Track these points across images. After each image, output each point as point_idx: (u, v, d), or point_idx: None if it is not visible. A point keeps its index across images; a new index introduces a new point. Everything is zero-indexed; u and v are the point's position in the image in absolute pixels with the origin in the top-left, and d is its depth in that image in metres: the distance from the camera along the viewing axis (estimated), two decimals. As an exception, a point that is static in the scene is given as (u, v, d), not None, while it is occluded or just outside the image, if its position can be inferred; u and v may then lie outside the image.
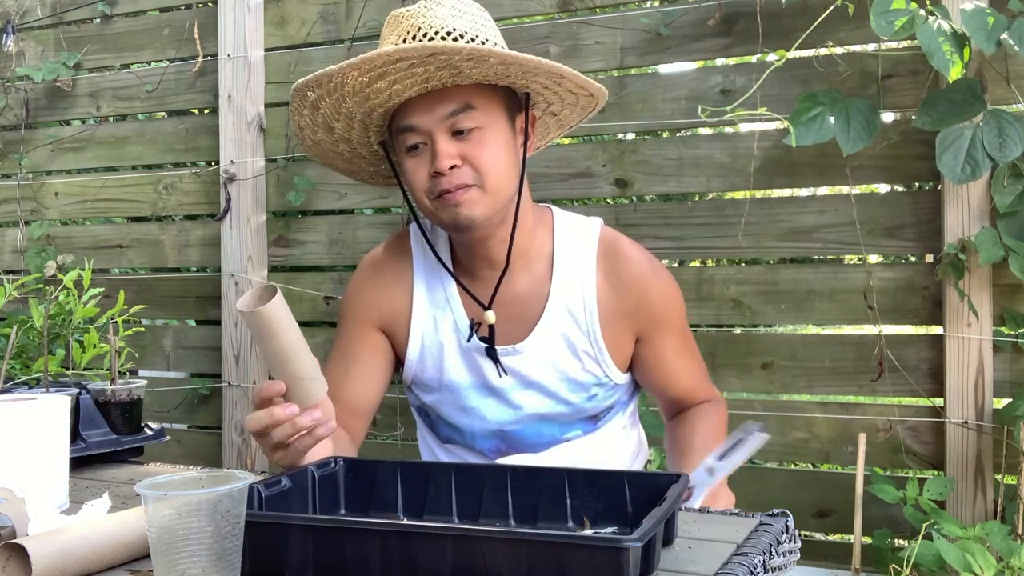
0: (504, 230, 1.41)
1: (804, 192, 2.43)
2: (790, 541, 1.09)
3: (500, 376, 1.45)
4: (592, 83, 1.41)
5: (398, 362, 1.54)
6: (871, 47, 2.09)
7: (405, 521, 1.10)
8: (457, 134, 1.33)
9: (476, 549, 0.82)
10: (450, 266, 1.48)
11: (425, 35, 1.30)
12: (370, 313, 1.50)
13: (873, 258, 2.19)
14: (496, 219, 1.38)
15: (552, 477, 1.09)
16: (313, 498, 1.12)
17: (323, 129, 1.40)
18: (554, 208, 1.53)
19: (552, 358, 1.45)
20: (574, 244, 1.47)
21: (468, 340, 1.44)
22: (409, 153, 1.36)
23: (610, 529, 1.03)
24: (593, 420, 1.52)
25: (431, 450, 1.59)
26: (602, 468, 1.22)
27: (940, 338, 2.00)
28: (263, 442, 1.13)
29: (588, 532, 1.02)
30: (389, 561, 0.85)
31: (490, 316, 1.43)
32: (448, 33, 1.31)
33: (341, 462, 1.17)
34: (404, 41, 1.31)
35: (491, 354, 1.43)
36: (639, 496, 1.04)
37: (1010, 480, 1.90)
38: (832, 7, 1.92)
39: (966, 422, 1.95)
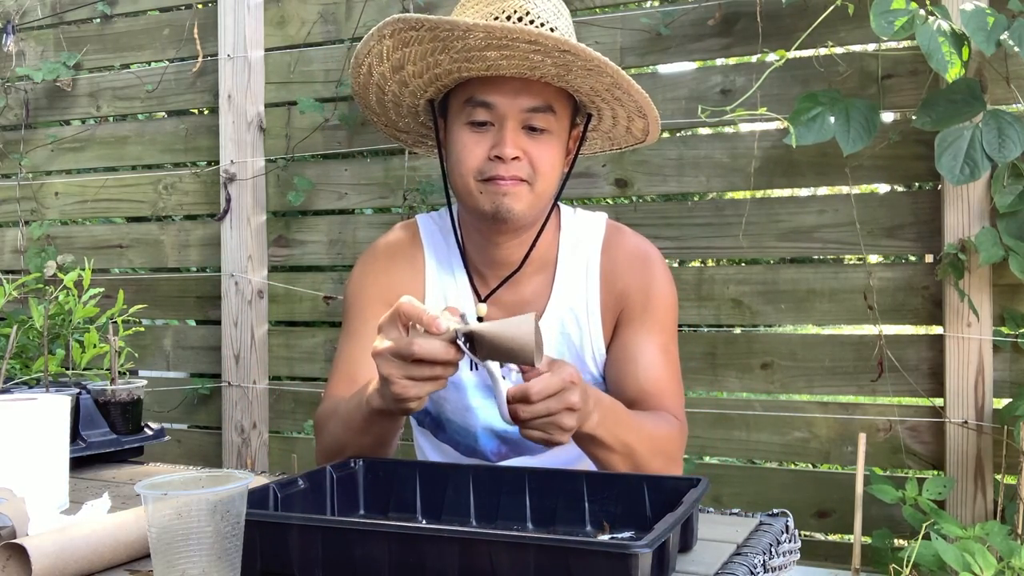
0: (526, 235, 1.41)
1: (804, 192, 2.43)
2: (790, 541, 1.09)
3: (471, 370, 1.43)
4: (657, 131, 1.42)
5: None
6: (871, 47, 2.09)
7: (416, 523, 1.09)
8: (528, 129, 1.32)
9: (483, 552, 0.82)
10: (461, 260, 1.46)
11: (532, 21, 1.29)
12: (386, 294, 1.45)
13: (873, 258, 2.19)
14: (527, 221, 1.38)
15: (570, 480, 1.08)
16: (332, 498, 1.11)
17: (392, 65, 1.35)
18: (562, 206, 1.53)
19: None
20: (580, 244, 1.47)
21: None
22: (471, 127, 1.33)
23: (627, 534, 1.03)
24: None
25: (425, 456, 1.58)
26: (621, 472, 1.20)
27: (940, 338, 2.00)
28: (400, 368, 1.05)
29: (605, 537, 1.01)
30: (396, 563, 0.85)
31: (481, 308, 1.41)
32: (553, 29, 1.30)
33: (361, 462, 1.16)
34: (509, 19, 1.29)
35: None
36: (658, 500, 1.03)
37: (1010, 480, 1.90)
38: (832, 7, 1.92)
39: (966, 422, 1.95)
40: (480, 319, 1.41)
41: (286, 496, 1.03)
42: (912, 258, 2.21)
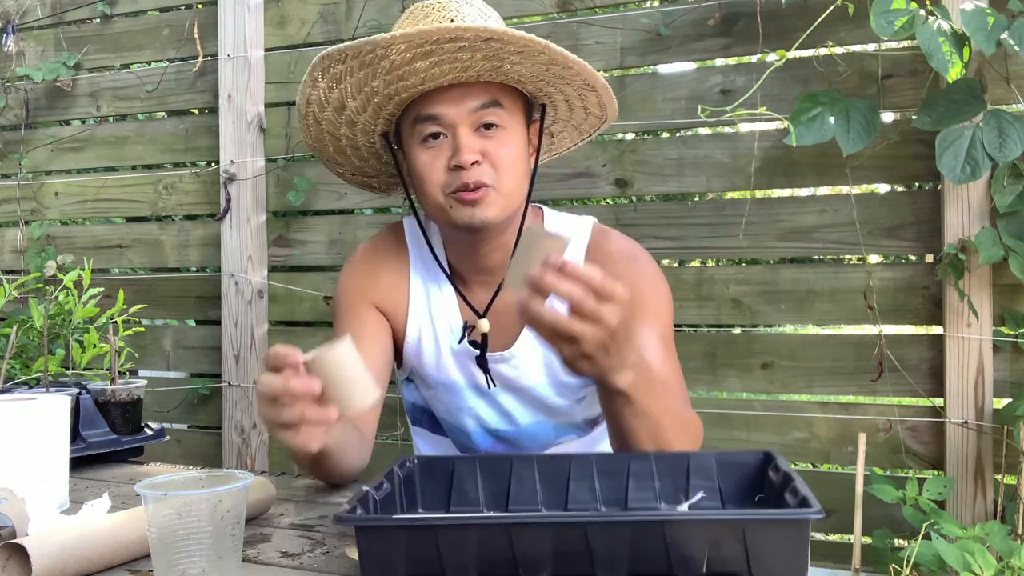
0: (506, 238, 1.40)
1: (804, 192, 2.43)
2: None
3: (489, 387, 1.44)
4: (614, 103, 1.41)
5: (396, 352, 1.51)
6: (871, 47, 2.09)
7: (544, 511, 1.09)
8: (484, 127, 1.31)
9: (654, 533, 0.82)
10: (446, 268, 1.46)
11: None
12: (370, 294, 1.46)
13: (873, 258, 2.19)
14: (503, 224, 1.37)
15: (639, 461, 1.09)
16: (400, 499, 1.08)
17: (333, 107, 1.35)
18: (545, 209, 1.52)
19: (540, 363, 1.43)
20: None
21: (460, 342, 1.44)
22: (424, 144, 1.32)
23: (700, 495, 1.06)
24: (590, 425, 1.51)
25: (420, 453, 1.58)
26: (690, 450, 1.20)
27: (940, 338, 2.00)
28: (269, 413, 0.99)
29: (684, 507, 1.05)
30: (567, 551, 0.83)
31: (484, 325, 1.40)
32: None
33: (416, 461, 1.14)
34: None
35: (481, 363, 1.42)
36: (728, 474, 1.06)
37: (1010, 480, 1.90)
38: (832, 7, 1.92)
39: (966, 422, 1.95)
40: (484, 335, 1.40)
41: (383, 499, 1.00)
42: (912, 258, 2.21)
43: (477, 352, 1.41)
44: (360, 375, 0.97)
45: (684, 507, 1.04)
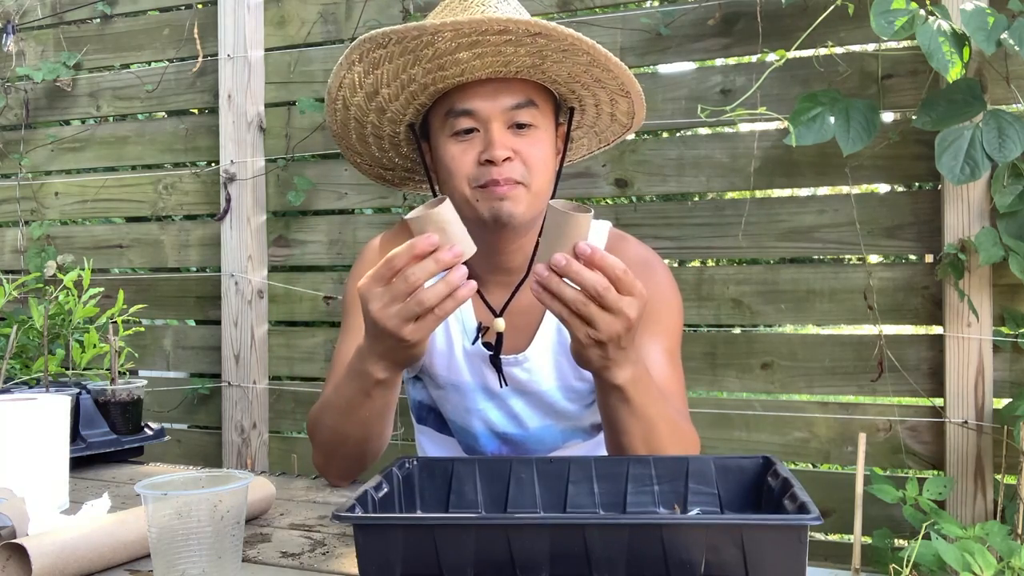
0: (527, 239, 1.39)
1: (804, 192, 2.43)
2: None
3: (500, 387, 1.43)
4: (643, 112, 1.40)
5: None
6: (871, 47, 2.09)
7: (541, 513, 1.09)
8: (516, 127, 1.30)
9: (654, 536, 0.81)
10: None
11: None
12: None
13: (873, 258, 2.19)
14: (527, 225, 1.36)
15: (638, 465, 1.09)
16: (399, 499, 1.08)
17: (366, 92, 1.33)
18: None
19: (552, 367, 1.43)
20: None
21: (473, 343, 1.43)
22: (456, 137, 1.31)
23: (695, 511, 1.05)
24: (596, 429, 1.51)
25: (425, 453, 1.58)
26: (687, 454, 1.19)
27: (940, 338, 2.00)
28: (392, 311, 1.06)
29: (693, 513, 1.05)
30: (565, 554, 0.83)
31: (499, 324, 1.39)
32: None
33: (415, 462, 1.13)
34: None
35: (495, 363, 1.41)
36: (727, 479, 1.06)
37: (1010, 480, 1.90)
38: (832, 7, 1.92)
39: (966, 422, 1.95)
40: (500, 335, 1.39)
41: (382, 498, 1.00)
42: (912, 258, 2.21)
43: (490, 353, 1.41)
44: (460, 222, 1.07)
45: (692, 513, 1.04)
